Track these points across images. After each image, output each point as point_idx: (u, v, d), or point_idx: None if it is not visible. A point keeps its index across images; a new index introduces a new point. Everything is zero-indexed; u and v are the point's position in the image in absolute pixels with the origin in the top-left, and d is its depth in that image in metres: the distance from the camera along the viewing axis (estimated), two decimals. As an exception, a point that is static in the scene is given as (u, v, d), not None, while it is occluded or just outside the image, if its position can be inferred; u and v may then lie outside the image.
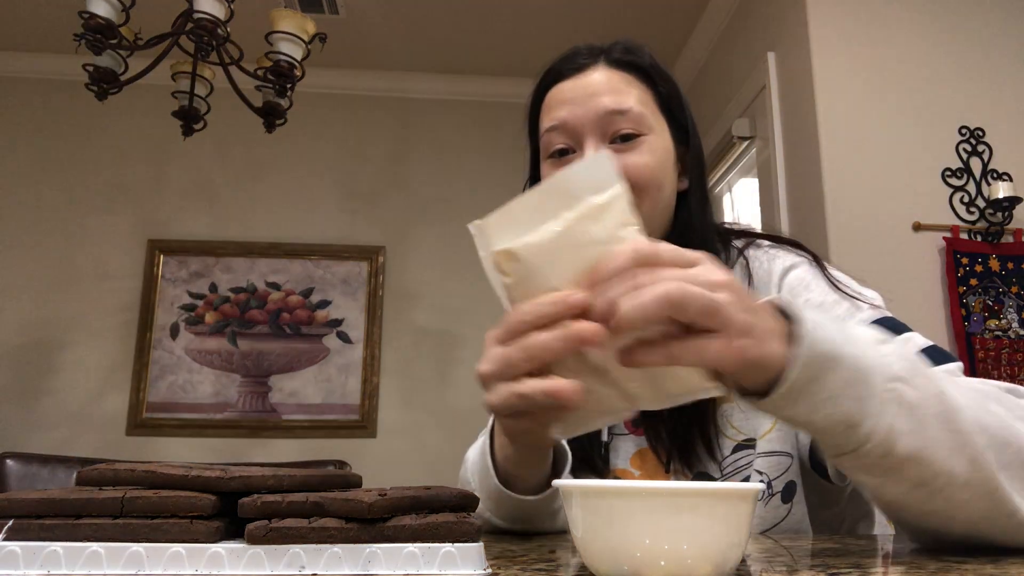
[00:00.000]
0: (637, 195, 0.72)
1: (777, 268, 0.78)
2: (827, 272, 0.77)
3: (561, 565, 0.48)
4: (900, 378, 0.49)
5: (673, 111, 0.82)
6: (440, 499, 0.45)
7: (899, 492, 0.51)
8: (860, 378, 0.48)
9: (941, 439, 0.49)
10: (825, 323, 0.49)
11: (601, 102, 0.76)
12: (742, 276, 0.79)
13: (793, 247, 0.81)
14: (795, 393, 0.47)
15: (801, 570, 0.46)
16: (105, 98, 2.11)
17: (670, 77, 0.83)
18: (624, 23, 3.25)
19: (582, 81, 0.79)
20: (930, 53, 2.45)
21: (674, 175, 0.82)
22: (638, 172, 0.75)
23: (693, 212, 0.81)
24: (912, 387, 0.49)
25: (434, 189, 3.63)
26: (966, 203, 2.36)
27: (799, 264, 0.78)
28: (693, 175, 0.83)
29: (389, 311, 3.45)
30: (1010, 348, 2.25)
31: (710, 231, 0.82)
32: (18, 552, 0.40)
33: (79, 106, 3.36)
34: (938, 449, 0.49)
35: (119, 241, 3.40)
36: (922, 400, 0.49)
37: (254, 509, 0.43)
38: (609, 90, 0.77)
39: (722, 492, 0.40)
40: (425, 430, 3.31)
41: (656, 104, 0.80)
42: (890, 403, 0.48)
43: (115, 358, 3.27)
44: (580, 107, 0.77)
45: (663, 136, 0.80)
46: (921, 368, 0.51)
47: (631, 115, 0.76)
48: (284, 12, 2.09)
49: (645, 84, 0.80)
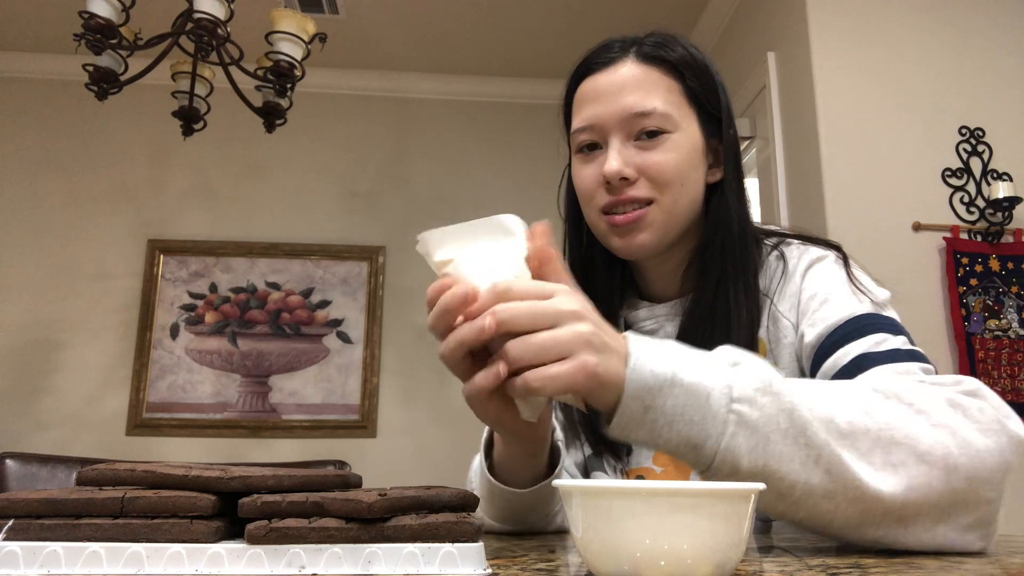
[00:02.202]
0: (658, 190, 0.77)
1: (804, 261, 0.80)
2: (848, 267, 0.79)
3: (561, 565, 0.48)
4: (742, 399, 0.53)
5: (704, 103, 0.82)
6: (440, 499, 0.45)
7: (766, 504, 0.54)
8: (698, 402, 0.53)
9: (789, 453, 0.52)
10: (666, 350, 0.55)
11: (626, 102, 0.78)
12: (778, 269, 0.82)
13: (821, 244, 0.84)
14: (632, 414, 0.53)
15: (801, 570, 0.46)
16: (105, 98, 2.11)
17: (704, 69, 0.83)
18: (624, 23, 3.24)
19: (610, 77, 0.80)
20: (930, 53, 2.45)
21: (701, 168, 0.82)
22: (659, 169, 0.77)
23: (729, 204, 0.81)
24: (755, 407, 0.53)
25: (434, 189, 3.63)
26: (966, 203, 2.36)
27: (824, 257, 0.80)
28: (728, 167, 0.83)
29: (389, 311, 3.45)
30: (1010, 348, 2.25)
31: (745, 222, 0.82)
32: (18, 552, 0.40)
33: (79, 106, 3.36)
34: (786, 463, 0.52)
35: (119, 241, 3.40)
36: (766, 418, 0.52)
37: (254, 509, 0.43)
38: (635, 87, 0.78)
39: (722, 492, 0.40)
40: (425, 430, 3.31)
41: (685, 97, 0.81)
42: (730, 423, 0.52)
43: (115, 358, 3.27)
44: (606, 107, 0.78)
45: (688, 132, 0.80)
46: (777, 387, 0.54)
47: (655, 115, 0.77)
48: (284, 12, 2.09)
49: (673, 78, 0.80)
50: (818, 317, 0.74)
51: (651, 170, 0.77)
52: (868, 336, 0.70)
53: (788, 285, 0.80)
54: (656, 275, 0.87)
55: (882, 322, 0.72)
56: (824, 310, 0.74)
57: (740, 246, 0.80)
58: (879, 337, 0.69)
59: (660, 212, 0.78)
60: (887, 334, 0.70)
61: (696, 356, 0.56)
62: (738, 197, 0.82)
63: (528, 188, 3.65)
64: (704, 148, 0.82)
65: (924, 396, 0.58)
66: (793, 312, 0.78)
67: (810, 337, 0.74)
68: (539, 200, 3.68)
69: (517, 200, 3.65)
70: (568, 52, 3.74)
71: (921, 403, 0.57)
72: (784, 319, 0.79)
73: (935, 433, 0.55)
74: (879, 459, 0.54)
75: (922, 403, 0.57)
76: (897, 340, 0.69)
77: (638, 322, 0.87)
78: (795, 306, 0.78)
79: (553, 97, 0.90)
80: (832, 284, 0.77)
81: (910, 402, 0.57)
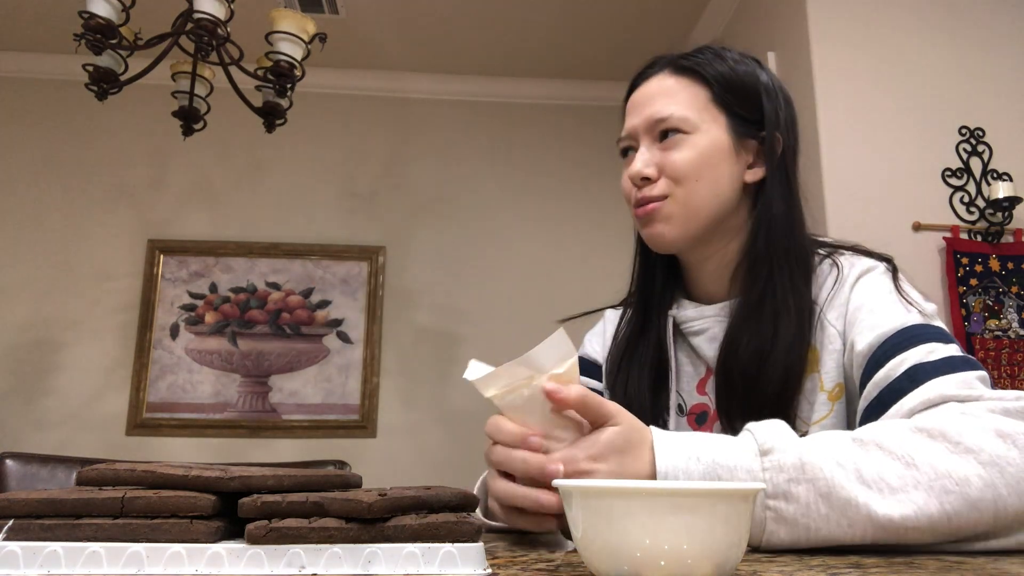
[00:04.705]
0: (675, 185, 0.83)
1: (855, 272, 0.82)
2: (897, 279, 0.81)
3: (561, 565, 0.48)
4: (776, 495, 0.56)
5: (734, 107, 0.86)
6: (440, 499, 0.45)
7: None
8: None
9: (835, 534, 0.55)
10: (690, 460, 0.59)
11: (651, 110, 0.86)
12: (830, 276, 0.83)
13: (874, 256, 0.86)
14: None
15: (801, 570, 0.46)
16: (105, 98, 2.11)
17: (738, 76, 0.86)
18: (624, 23, 3.25)
19: (644, 89, 0.89)
20: (930, 53, 2.45)
21: (725, 166, 0.84)
22: (674, 166, 0.83)
23: (770, 202, 0.84)
24: (791, 501, 0.56)
25: (434, 189, 3.62)
26: (966, 203, 2.36)
27: (873, 269, 0.82)
28: (770, 167, 0.85)
29: (389, 311, 3.45)
30: (1010, 348, 2.25)
31: (793, 224, 0.84)
32: (18, 552, 0.40)
33: (79, 106, 3.36)
34: (834, 539, 0.55)
35: (119, 241, 3.40)
36: (804, 509, 0.55)
37: (254, 509, 0.43)
38: (660, 96, 0.86)
39: (722, 492, 0.40)
40: (425, 430, 3.31)
41: (712, 102, 0.85)
42: (768, 522, 0.56)
43: (115, 358, 3.27)
44: (637, 116, 0.88)
45: (710, 132, 0.84)
46: (810, 471, 0.56)
47: (672, 119, 0.84)
48: (284, 12, 2.09)
49: (701, 85, 0.86)
50: (867, 326, 0.75)
51: (668, 168, 0.83)
52: (920, 346, 0.70)
53: (838, 295, 0.81)
54: (701, 275, 0.90)
55: (932, 332, 0.73)
56: (873, 320, 0.75)
57: (786, 247, 0.82)
58: (930, 347, 0.70)
59: (676, 205, 0.83)
60: (937, 343, 0.71)
61: (721, 457, 0.59)
62: (784, 198, 0.84)
63: (528, 188, 3.66)
64: (731, 148, 0.85)
65: (970, 431, 0.58)
66: (840, 321, 0.79)
67: (861, 346, 0.75)
68: (539, 200, 3.70)
69: (517, 200, 3.65)
70: (568, 52, 3.75)
71: (968, 440, 0.57)
72: (831, 327, 0.80)
73: (984, 475, 0.55)
74: (930, 512, 0.55)
75: (969, 440, 0.57)
76: (948, 348, 0.70)
77: (687, 321, 0.89)
78: (843, 315, 0.79)
79: (553, 97, 0.93)
80: (880, 296, 0.78)
81: (956, 440, 0.57)
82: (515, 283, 3.50)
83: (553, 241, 3.58)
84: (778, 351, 0.78)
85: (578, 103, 3.68)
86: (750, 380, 0.78)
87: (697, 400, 0.87)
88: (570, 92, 3.70)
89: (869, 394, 0.71)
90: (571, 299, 1.14)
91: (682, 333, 0.89)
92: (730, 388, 0.80)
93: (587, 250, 3.54)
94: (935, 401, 0.64)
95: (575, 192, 3.63)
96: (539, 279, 3.49)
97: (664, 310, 0.91)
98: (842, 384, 0.78)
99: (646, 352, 0.90)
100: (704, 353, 0.87)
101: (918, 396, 0.65)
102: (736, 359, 0.80)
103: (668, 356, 0.88)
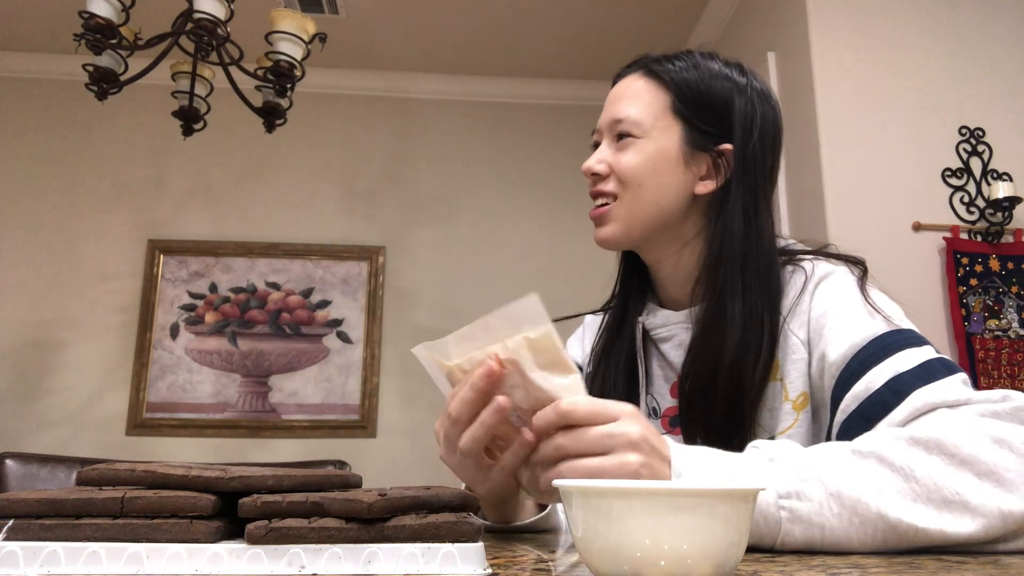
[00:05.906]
0: (622, 187, 0.85)
1: (815, 278, 0.82)
2: (862, 281, 0.80)
3: (561, 565, 0.48)
4: (790, 494, 0.56)
5: (693, 115, 0.85)
6: (440, 499, 0.45)
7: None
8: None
9: (847, 535, 0.56)
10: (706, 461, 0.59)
11: (613, 109, 0.88)
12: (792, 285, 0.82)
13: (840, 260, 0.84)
14: None
15: (801, 570, 0.46)
16: (105, 98, 2.11)
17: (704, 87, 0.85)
18: (624, 24, 3.25)
19: (617, 88, 0.91)
20: (930, 53, 2.45)
21: (672, 176, 0.84)
22: (620, 168, 0.85)
23: (727, 215, 0.83)
24: (804, 499, 0.56)
25: (434, 189, 3.63)
26: (966, 203, 2.36)
27: (831, 273, 0.81)
28: (736, 179, 0.83)
29: (389, 311, 3.45)
30: (1010, 348, 2.25)
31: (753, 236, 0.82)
32: (18, 552, 0.40)
33: (79, 106, 3.36)
34: (844, 542, 0.56)
35: (119, 241, 3.40)
36: (817, 507, 0.56)
37: (254, 509, 0.43)
38: (626, 97, 0.88)
39: (722, 492, 0.40)
40: (425, 430, 3.31)
41: (669, 108, 0.85)
42: (783, 521, 0.56)
43: (115, 358, 3.27)
44: (604, 113, 0.90)
45: (662, 139, 0.84)
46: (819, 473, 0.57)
47: (626, 121, 0.86)
48: (284, 12, 2.09)
49: (665, 91, 0.86)
50: (835, 336, 0.74)
51: (615, 168, 0.86)
52: (895, 355, 0.69)
53: (800, 303, 0.80)
54: (662, 280, 0.90)
55: (904, 337, 0.71)
56: (840, 328, 0.74)
57: (744, 258, 0.81)
58: (905, 354, 0.69)
59: (622, 208, 0.86)
60: (911, 348, 0.70)
61: (734, 460, 0.60)
62: (745, 212, 0.82)
63: (528, 188, 3.66)
64: (681, 158, 0.84)
65: (967, 440, 0.57)
66: (803, 330, 0.78)
67: (833, 356, 0.73)
68: (539, 200, 3.69)
69: (517, 200, 3.65)
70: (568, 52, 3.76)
71: (965, 450, 0.57)
72: (794, 336, 0.79)
73: (983, 486, 0.56)
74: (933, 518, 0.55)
75: (966, 450, 0.57)
76: (923, 351, 0.69)
77: (655, 328, 0.89)
78: (805, 324, 0.78)
79: (553, 97, 0.94)
80: (842, 302, 0.77)
81: (953, 452, 0.57)
82: (515, 283, 3.50)
83: (553, 241, 3.58)
84: (734, 359, 0.77)
85: (578, 103, 3.68)
86: (708, 388, 0.78)
87: (670, 403, 0.88)
88: (570, 92, 3.71)
89: (848, 407, 0.69)
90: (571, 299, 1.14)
91: (652, 339, 0.90)
92: (691, 395, 0.80)
93: (587, 250, 3.53)
94: (923, 410, 0.64)
95: (575, 192, 3.63)
96: (539, 279, 3.49)
97: (636, 316, 0.92)
98: (807, 394, 0.77)
99: (620, 356, 0.91)
100: (672, 359, 0.87)
101: (906, 408, 0.65)
102: (695, 367, 0.80)
103: (638, 361, 0.89)
